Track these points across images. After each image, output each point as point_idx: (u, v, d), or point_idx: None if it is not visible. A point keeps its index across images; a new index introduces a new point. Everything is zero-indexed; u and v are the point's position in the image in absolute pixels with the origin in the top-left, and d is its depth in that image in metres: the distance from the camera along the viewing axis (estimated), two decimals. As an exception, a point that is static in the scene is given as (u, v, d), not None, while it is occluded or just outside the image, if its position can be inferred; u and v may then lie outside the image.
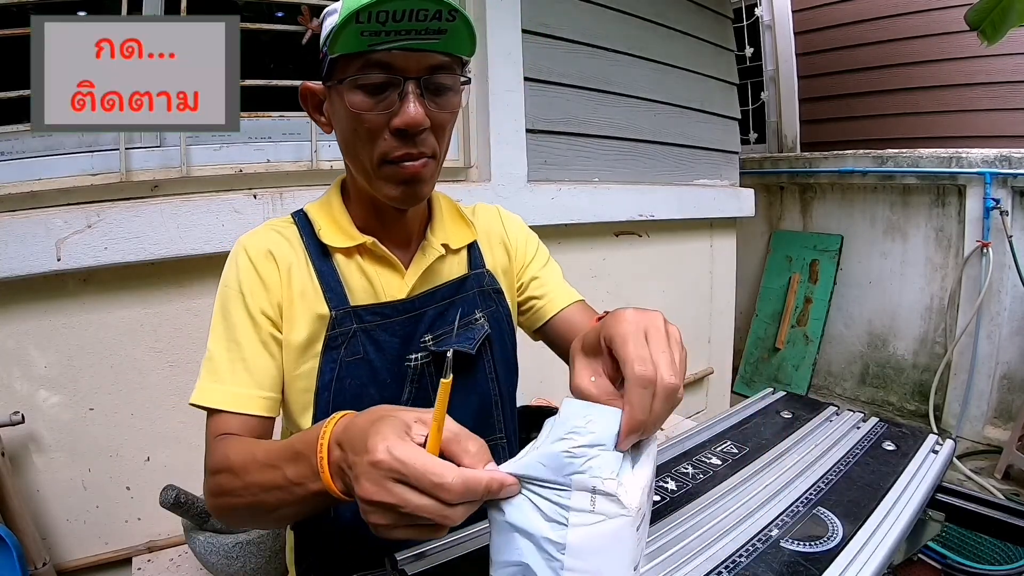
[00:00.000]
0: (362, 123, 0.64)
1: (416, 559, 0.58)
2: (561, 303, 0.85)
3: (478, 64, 1.70)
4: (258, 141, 1.45)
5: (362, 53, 0.60)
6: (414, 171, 0.65)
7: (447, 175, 1.75)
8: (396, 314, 0.73)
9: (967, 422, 2.69)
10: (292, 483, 0.51)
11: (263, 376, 0.68)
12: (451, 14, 0.58)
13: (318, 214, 0.74)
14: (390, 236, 0.74)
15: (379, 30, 0.58)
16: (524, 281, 0.87)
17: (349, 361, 0.70)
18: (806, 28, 3.46)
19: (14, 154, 1.23)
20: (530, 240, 0.89)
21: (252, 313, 0.68)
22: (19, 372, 1.19)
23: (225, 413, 0.65)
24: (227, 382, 0.66)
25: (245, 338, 0.68)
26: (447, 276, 0.78)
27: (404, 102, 0.62)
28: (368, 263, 0.73)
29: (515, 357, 0.85)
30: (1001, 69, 2.79)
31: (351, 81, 0.62)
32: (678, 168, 2.30)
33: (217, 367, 0.67)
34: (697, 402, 2.57)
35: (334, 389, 0.69)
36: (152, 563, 1.28)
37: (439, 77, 0.63)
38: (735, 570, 0.54)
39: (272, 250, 0.71)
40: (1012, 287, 2.55)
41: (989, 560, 1.63)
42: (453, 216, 0.82)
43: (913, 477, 0.72)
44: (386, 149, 0.64)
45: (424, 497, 0.41)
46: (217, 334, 0.69)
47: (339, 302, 0.70)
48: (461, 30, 0.60)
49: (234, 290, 0.69)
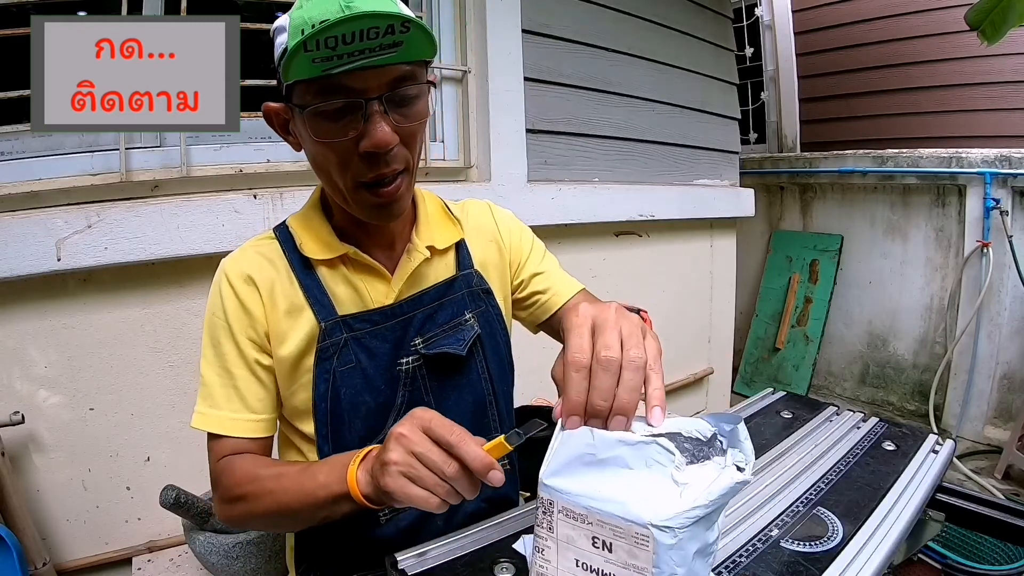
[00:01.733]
0: (329, 149, 0.62)
1: (416, 559, 0.58)
2: (566, 295, 0.85)
3: (478, 64, 1.70)
4: (258, 141, 1.45)
5: (317, 78, 0.57)
6: (389, 195, 0.65)
7: (447, 175, 1.75)
8: (385, 320, 0.72)
9: (967, 422, 2.69)
10: (319, 485, 0.58)
11: (255, 401, 0.70)
12: (404, 25, 0.55)
13: (299, 227, 0.73)
14: (374, 242, 0.74)
15: (331, 55, 0.55)
16: (524, 278, 0.86)
17: (343, 371, 0.70)
18: (806, 28, 3.46)
19: (14, 154, 1.23)
20: (524, 235, 0.88)
21: (238, 341, 0.69)
22: (19, 372, 1.19)
23: (224, 437, 0.69)
24: (223, 408, 0.69)
25: (235, 366, 0.70)
26: (434, 278, 0.77)
27: (369, 124, 0.60)
28: (352, 272, 0.72)
29: (509, 355, 0.84)
30: (1001, 69, 2.79)
31: (311, 109, 0.60)
32: (678, 168, 2.30)
33: (211, 393, 0.70)
34: (697, 402, 2.57)
35: (331, 399, 0.69)
36: (152, 563, 1.28)
37: (402, 90, 0.61)
38: (735, 570, 0.54)
39: (252, 275, 0.70)
40: (1012, 287, 2.55)
41: (989, 560, 1.63)
42: (439, 216, 0.80)
43: (913, 477, 0.72)
44: (357, 172, 0.63)
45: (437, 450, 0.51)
46: (208, 361, 0.71)
47: (327, 313, 0.70)
48: (417, 36, 0.57)
49: (220, 319, 0.70)
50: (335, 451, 0.70)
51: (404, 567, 0.56)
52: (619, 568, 0.44)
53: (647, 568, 0.43)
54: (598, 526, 0.44)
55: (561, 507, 0.46)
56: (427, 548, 0.59)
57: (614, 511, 0.43)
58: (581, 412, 0.47)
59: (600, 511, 0.44)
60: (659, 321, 2.53)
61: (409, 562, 0.57)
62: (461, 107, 1.74)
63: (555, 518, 0.46)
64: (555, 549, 0.47)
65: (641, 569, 0.43)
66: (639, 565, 0.43)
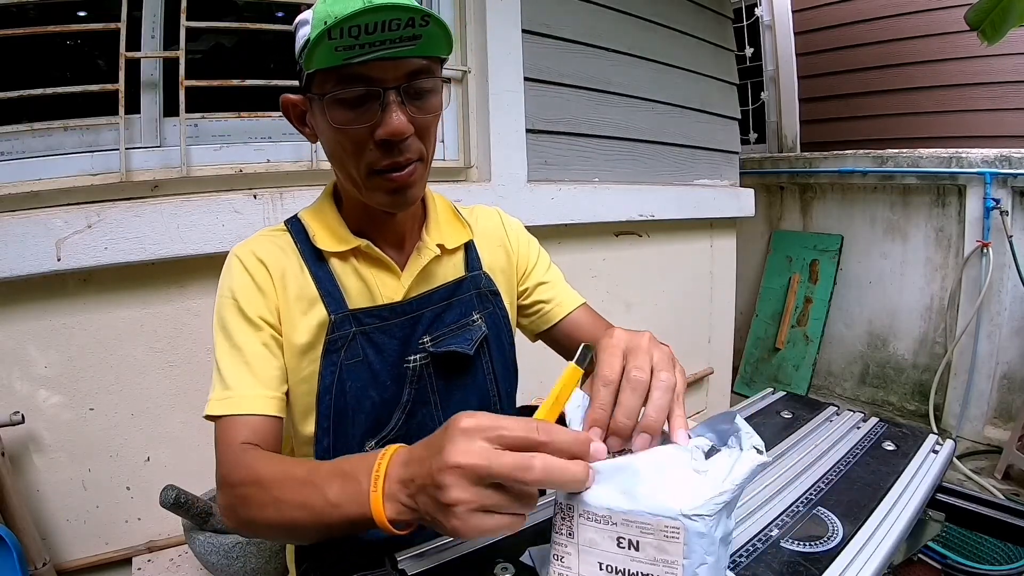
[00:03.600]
0: (346, 136, 0.64)
1: (416, 559, 0.58)
2: (568, 307, 0.87)
3: (478, 64, 1.70)
4: (258, 141, 1.45)
5: (338, 67, 0.60)
6: (402, 180, 0.66)
7: (447, 175, 1.75)
8: (394, 316, 0.73)
9: (967, 422, 2.69)
10: (330, 504, 0.50)
11: (267, 376, 0.68)
12: (424, 20, 0.57)
13: (312, 220, 0.74)
14: (384, 238, 0.75)
15: (353, 44, 0.57)
16: (529, 286, 0.88)
17: (349, 364, 0.70)
18: (806, 28, 3.46)
19: (14, 154, 1.23)
20: (532, 245, 0.91)
21: (250, 317, 0.68)
22: (19, 372, 1.19)
23: (235, 418, 0.65)
24: (233, 387, 0.66)
25: (245, 342, 0.68)
26: (443, 278, 0.78)
27: (386, 112, 0.62)
28: (364, 266, 0.73)
29: (514, 358, 0.85)
30: (1001, 69, 2.79)
31: (331, 96, 0.62)
32: (678, 168, 2.30)
33: (224, 376, 0.67)
34: (697, 402, 2.57)
35: (335, 392, 0.69)
36: (152, 563, 1.28)
37: (418, 82, 0.63)
38: (735, 570, 0.54)
39: (262, 257, 0.71)
40: (1012, 287, 2.54)
41: (989, 560, 1.63)
42: (448, 216, 0.82)
43: (913, 477, 0.72)
44: (372, 160, 0.65)
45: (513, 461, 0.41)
46: (220, 345, 0.69)
47: (337, 306, 0.71)
48: (436, 32, 0.60)
49: (229, 299, 0.69)
50: (335, 445, 0.70)
51: (404, 567, 0.56)
52: (647, 565, 0.43)
53: (677, 560, 0.42)
54: (623, 526, 0.43)
55: (582, 511, 0.45)
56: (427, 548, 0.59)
57: (642, 508, 0.43)
58: (604, 427, 0.47)
59: (625, 510, 0.43)
60: (659, 321, 2.54)
61: (409, 562, 0.57)
62: (461, 107, 1.74)
63: (575, 523, 0.45)
64: (576, 555, 0.46)
65: (671, 563, 0.42)
66: (668, 559, 0.42)
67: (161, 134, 1.35)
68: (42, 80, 1.23)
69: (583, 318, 0.87)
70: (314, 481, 0.52)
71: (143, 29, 1.31)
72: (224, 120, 1.42)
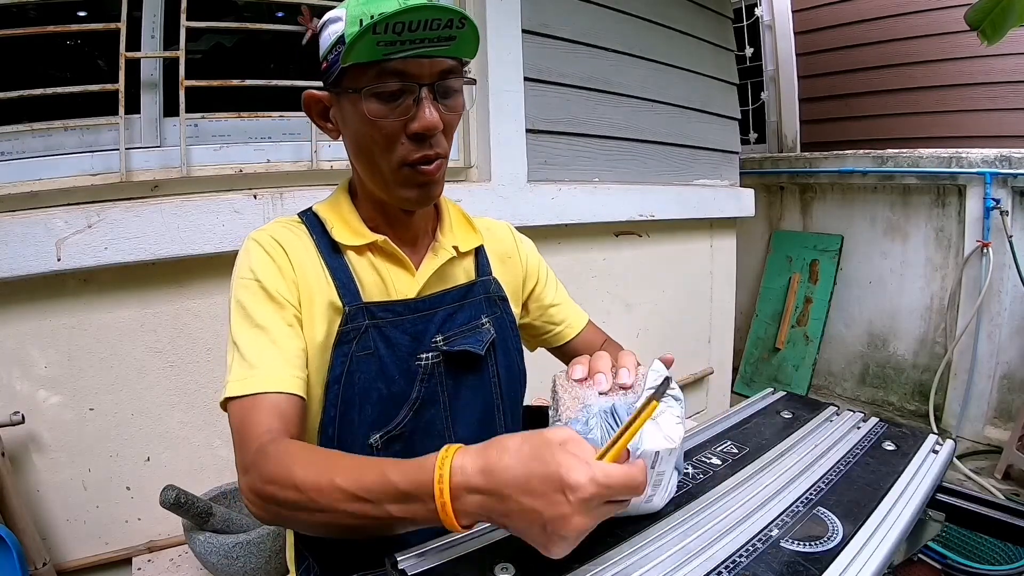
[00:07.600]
0: (379, 130, 0.66)
1: (416, 559, 0.57)
2: (577, 327, 0.94)
3: (478, 64, 1.70)
4: (258, 141, 1.45)
5: (378, 62, 0.62)
6: (430, 174, 0.68)
7: (447, 175, 1.74)
8: (407, 312, 0.74)
9: (967, 422, 2.69)
10: (395, 519, 0.51)
11: (293, 355, 0.66)
12: (462, 22, 0.61)
13: (328, 213, 0.75)
14: (398, 236, 0.76)
15: (395, 40, 0.60)
16: (542, 305, 0.91)
17: (360, 356, 0.70)
18: (806, 28, 3.46)
19: (14, 154, 1.23)
20: (541, 264, 0.94)
21: (273, 296, 0.68)
22: (19, 372, 1.19)
23: (258, 399, 0.61)
24: (258, 366, 0.63)
25: (269, 321, 0.67)
26: (455, 279, 0.79)
27: (420, 107, 0.65)
28: (380, 260, 0.74)
29: (521, 364, 0.85)
30: (1001, 69, 2.79)
31: (367, 90, 0.64)
32: (678, 168, 2.30)
33: (246, 355, 0.64)
34: (697, 402, 2.57)
35: (343, 383, 0.70)
36: (152, 563, 1.28)
37: (449, 81, 0.66)
38: (735, 570, 0.54)
39: (281, 241, 0.72)
40: (1012, 287, 2.55)
41: (989, 560, 1.63)
42: (460, 220, 0.84)
43: (913, 477, 0.72)
44: (404, 153, 0.67)
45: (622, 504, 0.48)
46: (239, 326, 0.67)
47: (352, 298, 0.71)
48: (468, 35, 0.63)
49: (250, 279, 0.69)
50: (340, 434, 0.70)
51: (404, 567, 0.56)
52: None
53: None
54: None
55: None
56: (427, 548, 0.59)
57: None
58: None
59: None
60: (659, 321, 2.53)
61: (409, 562, 0.57)
62: (461, 107, 1.74)
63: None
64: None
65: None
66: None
67: (161, 134, 1.35)
68: (42, 80, 1.23)
69: (591, 336, 0.94)
70: (368, 497, 0.51)
71: (143, 29, 1.31)
72: (224, 120, 1.42)
